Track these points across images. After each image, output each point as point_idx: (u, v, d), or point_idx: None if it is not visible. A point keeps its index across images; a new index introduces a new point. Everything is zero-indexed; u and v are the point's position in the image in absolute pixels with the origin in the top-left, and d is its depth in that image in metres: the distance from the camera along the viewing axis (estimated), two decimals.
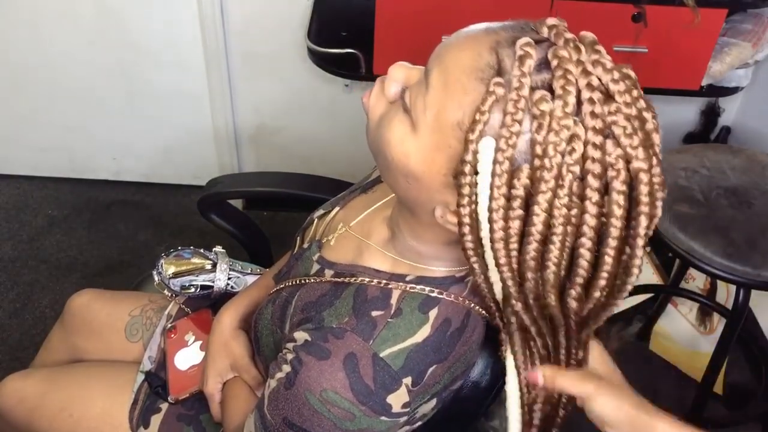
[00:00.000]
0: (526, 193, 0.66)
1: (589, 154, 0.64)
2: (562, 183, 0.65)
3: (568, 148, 0.64)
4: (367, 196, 0.98)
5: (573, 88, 0.64)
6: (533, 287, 0.70)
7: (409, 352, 0.78)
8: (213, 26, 1.95)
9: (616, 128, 0.64)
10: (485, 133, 0.66)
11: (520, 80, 0.64)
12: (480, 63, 0.67)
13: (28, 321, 1.98)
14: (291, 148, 2.26)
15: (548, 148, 0.64)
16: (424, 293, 0.80)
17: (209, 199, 1.42)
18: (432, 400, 0.83)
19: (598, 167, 0.64)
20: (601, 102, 0.64)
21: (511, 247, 0.68)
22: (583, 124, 0.64)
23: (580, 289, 0.70)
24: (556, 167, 0.64)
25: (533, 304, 0.72)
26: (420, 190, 0.74)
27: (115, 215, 2.30)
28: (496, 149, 0.65)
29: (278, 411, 0.81)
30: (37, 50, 2.06)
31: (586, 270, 0.68)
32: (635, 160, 0.64)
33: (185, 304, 1.28)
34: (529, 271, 0.69)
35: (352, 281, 0.84)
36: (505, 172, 0.66)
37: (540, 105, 0.64)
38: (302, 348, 0.80)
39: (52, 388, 1.20)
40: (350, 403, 0.77)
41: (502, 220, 0.67)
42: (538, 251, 0.68)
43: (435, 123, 0.69)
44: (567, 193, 0.65)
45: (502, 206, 0.67)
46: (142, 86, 2.12)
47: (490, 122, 0.66)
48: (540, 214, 0.65)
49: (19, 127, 2.26)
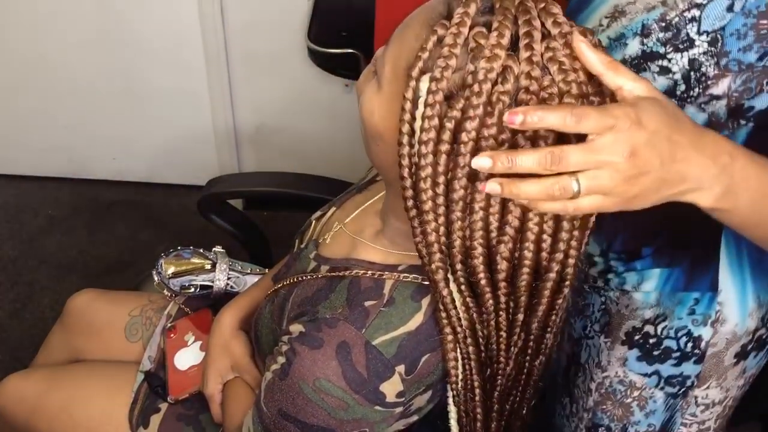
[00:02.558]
0: (456, 124, 0.65)
1: (522, 85, 0.64)
2: (492, 110, 0.64)
3: (501, 78, 0.64)
4: (362, 195, 0.98)
5: (510, 23, 0.65)
6: (460, 245, 0.69)
7: (401, 340, 0.78)
8: (213, 26, 1.95)
9: (552, 63, 0.64)
10: (426, 71, 0.67)
11: (461, 17, 0.66)
12: (433, 14, 0.70)
13: (28, 321, 1.98)
14: (291, 148, 2.26)
15: (478, 74, 0.64)
16: (417, 282, 0.80)
17: (209, 199, 1.42)
18: (427, 392, 0.83)
19: (533, 101, 0.64)
20: (539, 39, 0.65)
21: (438, 191, 0.67)
22: (518, 58, 0.64)
23: (512, 245, 0.68)
24: (486, 94, 0.64)
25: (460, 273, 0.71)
26: (387, 152, 0.74)
27: (115, 215, 2.30)
28: (431, 79, 0.66)
29: (274, 402, 0.82)
30: (37, 50, 2.06)
31: (519, 218, 0.67)
32: (567, 95, 0.64)
33: (185, 304, 1.28)
34: (455, 214, 0.67)
35: (346, 274, 0.84)
36: (438, 103, 0.66)
37: (477, 38, 0.65)
38: (296, 339, 0.81)
39: (52, 388, 1.20)
40: (343, 392, 0.77)
41: (431, 154, 0.67)
42: (465, 188, 0.66)
43: (391, 74, 0.71)
44: (496, 122, 0.64)
45: (432, 138, 0.66)
46: (142, 86, 2.12)
47: (431, 60, 0.67)
48: (467, 142, 0.65)
49: (19, 127, 2.26)
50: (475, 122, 0.64)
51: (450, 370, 0.79)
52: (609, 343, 0.97)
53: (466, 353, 0.77)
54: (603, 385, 0.99)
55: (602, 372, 0.98)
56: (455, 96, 0.66)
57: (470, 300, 0.73)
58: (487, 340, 0.76)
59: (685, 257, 0.90)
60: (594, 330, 1.00)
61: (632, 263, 0.93)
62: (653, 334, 0.93)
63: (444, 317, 0.75)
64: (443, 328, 0.76)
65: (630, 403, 0.98)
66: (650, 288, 0.92)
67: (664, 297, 0.91)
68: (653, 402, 0.96)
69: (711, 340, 0.91)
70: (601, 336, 0.98)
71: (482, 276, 0.71)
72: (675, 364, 0.93)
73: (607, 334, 0.97)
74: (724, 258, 0.88)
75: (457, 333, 0.76)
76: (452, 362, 0.78)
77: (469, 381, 0.79)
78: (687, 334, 0.91)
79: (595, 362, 0.99)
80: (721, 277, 0.89)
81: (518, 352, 0.77)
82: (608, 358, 0.97)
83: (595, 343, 1.00)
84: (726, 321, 0.90)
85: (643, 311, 0.93)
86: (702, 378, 0.93)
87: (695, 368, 0.93)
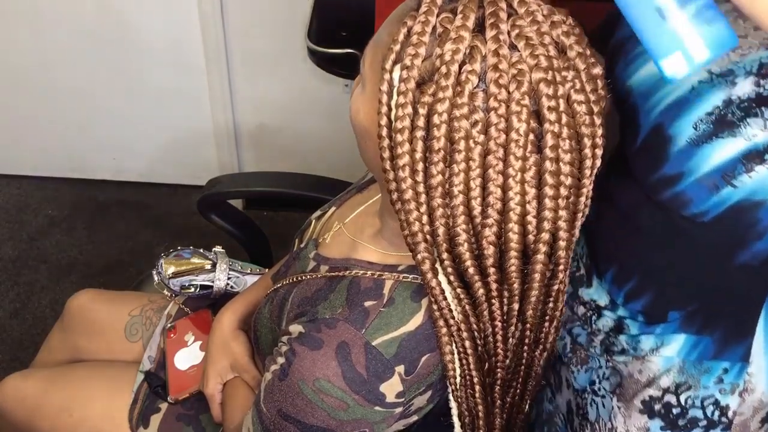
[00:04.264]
0: (428, 108, 0.65)
1: (490, 63, 0.64)
2: (461, 90, 0.64)
3: (468, 58, 0.64)
4: (362, 195, 0.98)
5: (474, 6, 0.65)
6: (444, 233, 0.69)
7: (401, 340, 0.78)
8: (213, 26, 1.95)
9: (519, 40, 0.64)
10: (398, 62, 0.67)
11: (428, 6, 0.66)
12: (405, 9, 0.70)
13: (28, 321, 1.98)
14: (291, 148, 2.26)
15: (445, 56, 0.64)
16: (416, 282, 0.80)
17: (209, 199, 1.42)
18: (427, 392, 0.83)
19: (503, 77, 0.63)
20: (504, 18, 0.65)
21: (417, 178, 0.67)
22: (484, 38, 0.64)
23: (496, 229, 0.68)
24: (454, 75, 0.64)
25: (448, 263, 0.71)
26: (374, 149, 0.73)
27: (115, 215, 2.30)
28: (402, 67, 0.66)
29: (273, 403, 0.82)
30: (37, 50, 2.06)
31: (500, 200, 0.67)
32: (536, 69, 0.64)
33: (185, 304, 1.28)
34: (436, 201, 0.67)
35: (346, 274, 0.84)
36: (410, 90, 0.66)
37: (443, 23, 0.65)
38: (296, 340, 0.81)
39: (52, 388, 1.20)
40: (343, 392, 0.77)
41: (407, 142, 0.67)
42: (442, 173, 0.66)
43: (370, 71, 0.72)
44: (467, 102, 0.64)
45: (407, 126, 0.66)
46: (142, 86, 2.12)
47: (403, 50, 0.67)
48: (440, 125, 0.65)
49: (19, 127, 2.26)
50: (446, 104, 0.64)
51: (447, 364, 0.78)
52: (623, 409, 0.90)
53: (462, 347, 0.76)
54: None
55: None
56: (427, 82, 0.66)
57: (461, 291, 0.73)
58: (483, 333, 0.75)
59: (717, 326, 0.84)
60: (604, 389, 0.93)
61: (652, 327, 0.87)
62: (676, 404, 0.87)
63: (435, 309, 0.75)
64: (436, 321, 0.75)
65: None
66: (672, 353, 0.86)
67: (688, 365, 0.86)
68: None
69: (738, 409, 0.86)
70: (613, 398, 0.91)
71: (469, 264, 0.70)
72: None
73: (620, 397, 0.90)
74: (761, 329, 0.84)
75: (450, 326, 0.75)
76: (448, 356, 0.77)
77: (467, 376, 0.79)
78: (714, 404, 0.86)
79: (609, 427, 0.92)
80: (754, 347, 0.84)
81: (516, 344, 0.76)
82: (626, 426, 0.90)
83: (606, 403, 0.93)
84: (754, 390, 0.86)
85: (660, 379, 0.87)
86: None
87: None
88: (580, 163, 0.68)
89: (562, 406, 1.03)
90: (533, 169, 0.66)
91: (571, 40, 0.66)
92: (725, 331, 0.84)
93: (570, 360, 0.97)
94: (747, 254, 0.76)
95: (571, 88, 0.66)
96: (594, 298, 0.92)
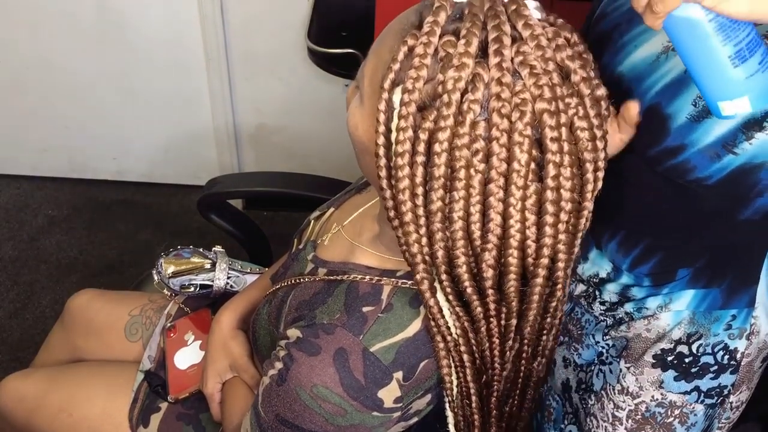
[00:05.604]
0: (429, 135, 0.65)
1: (493, 92, 0.63)
2: (462, 120, 0.63)
3: (470, 86, 0.63)
4: (361, 197, 0.98)
5: (478, 30, 0.64)
6: (443, 255, 0.69)
7: (400, 346, 0.78)
8: (213, 26, 1.95)
9: (523, 68, 0.63)
10: (398, 83, 0.66)
11: (431, 26, 0.65)
12: (406, 24, 0.69)
13: (28, 321, 1.98)
14: (291, 148, 2.26)
15: (447, 84, 0.63)
16: (415, 288, 0.80)
17: (209, 199, 1.42)
18: (426, 395, 0.83)
19: (505, 107, 0.63)
20: (508, 43, 0.63)
21: (417, 202, 0.67)
22: (487, 64, 0.63)
23: (495, 253, 0.68)
24: (455, 104, 0.63)
25: (446, 283, 0.70)
26: (374, 165, 0.73)
27: (115, 215, 2.30)
28: (403, 90, 0.65)
29: (271, 408, 0.82)
30: (37, 50, 2.06)
31: (500, 226, 0.66)
32: (539, 100, 0.63)
33: (185, 303, 1.28)
34: (435, 225, 0.67)
35: (344, 279, 0.84)
36: (411, 115, 0.65)
37: (446, 47, 0.64)
38: (294, 345, 0.81)
39: (52, 388, 1.20)
40: (341, 398, 0.77)
41: (407, 166, 0.66)
42: (442, 200, 0.66)
43: (369, 88, 0.71)
44: (468, 132, 0.63)
45: (407, 150, 0.66)
46: (142, 86, 2.12)
47: (402, 71, 0.66)
48: (441, 154, 0.64)
49: (19, 127, 2.26)
50: (447, 133, 0.64)
51: (444, 377, 0.78)
52: (633, 368, 0.93)
53: (459, 361, 0.76)
54: (638, 412, 0.94)
55: (633, 399, 0.94)
56: (428, 107, 0.65)
57: (459, 309, 0.73)
58: (481, 348, 0.75)
59: (725, 278, 0.87)
60: (611, 355, 0.96)
61: (660, 287, 0.90)
62: (688, 353, 0.90)
63: (434, 326, 0.75)
64: (434, 336, 0.76)
65: (671, 422, 0.95)
66: (682, 307, 0.89)
67: (698, 315, 0.89)
68: (694, 416, 0.94)
69: (746, 351, 0.90)
70: (620, 361, 0.94)
71: (468, 285, 0.70)
72: (713, 378, 0.91)
73: (627, 359, 0.93)
74: (764, 275, 0.88)
75: (447, 342, 0.75)
76: (446, 369, 0.78)
77: (464, 388, 0.79)
78: (723, 348, 0.89)
79: (619, 389, 0.95)
80: (758, 291, 0.88)
81: (514, 357, 0.76)
82: (639, 384, 0.93)
83: (612, 369, 0.96)
84: (759, 332, 0.90)
85: (671, 332, 0.90)
86: (736, 385, 0.92)
87: (731, 378, 0.91)
88: (581, 187, 0.68)
89: (556, 387, 1.05)
90: (534, 197, 0.66)
91: (576, 65, 0.65)
92: (732, 282, 0.87)
93: (564, 341, 1.01)
94: (750, 210, 0.78)
95: (574, 114, 0.65)
96: (594, 272, 0.94)
